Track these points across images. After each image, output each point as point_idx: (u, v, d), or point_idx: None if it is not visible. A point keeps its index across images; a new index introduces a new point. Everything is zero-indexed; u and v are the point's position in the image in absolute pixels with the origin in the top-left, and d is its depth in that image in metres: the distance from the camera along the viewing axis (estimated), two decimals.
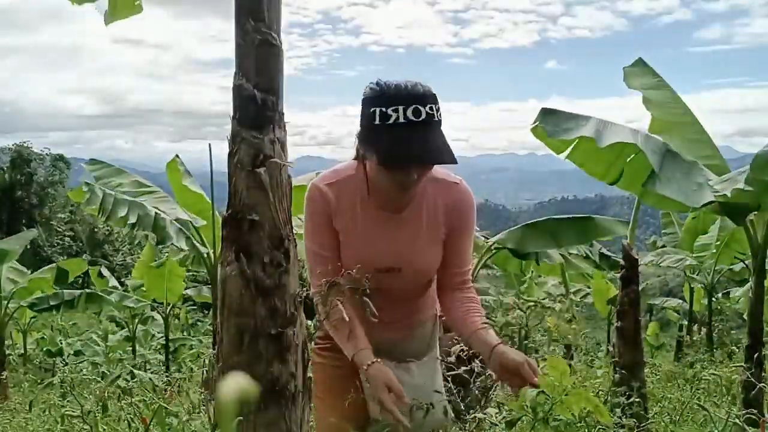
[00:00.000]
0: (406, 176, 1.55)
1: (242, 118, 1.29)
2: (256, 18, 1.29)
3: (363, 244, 1.69)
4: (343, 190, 1.68)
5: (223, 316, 1.28)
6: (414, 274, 1.74)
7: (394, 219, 1.70)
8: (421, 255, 1.73)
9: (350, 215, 1.68)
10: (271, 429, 1.24)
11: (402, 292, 1.77)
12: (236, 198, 1.27)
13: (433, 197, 1.72)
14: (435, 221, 1.72)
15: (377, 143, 1.53)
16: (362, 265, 1.64)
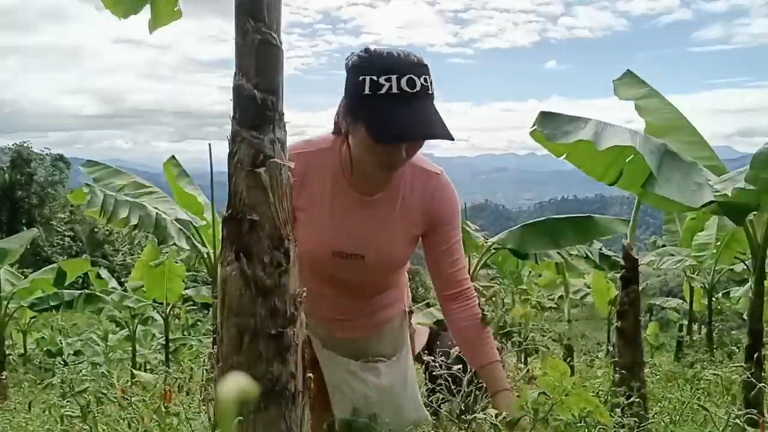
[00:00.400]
0: (396, 153, 1.41)
1: (242, 118, 1.29)
2: (256, 18, 1.29)
3: (325, 225, 1.56)
4: (314, 162, 1.54)
5: (223, 316, 1.28)
6: (377, 264, 1.60)
7: (364, 201, 1.56)
8: (389, 243, 1.59)
9: (317, 191, 1.55)
10: (271, 429, 1.24)
11: (364, 285, 1.66)
12: (236, 198, 1.27)
13: (410, 183, 1.58)
14: (410, 210, 1.58)
15: (366, 116, 1.39)
16: (320, 247, 1.55)
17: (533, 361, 6.53)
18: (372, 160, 1.46)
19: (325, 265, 1.57)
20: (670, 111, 3.76)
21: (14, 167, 28.43)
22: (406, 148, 1.43)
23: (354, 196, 1.57)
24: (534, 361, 6.54)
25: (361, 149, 1.46)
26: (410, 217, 1.59)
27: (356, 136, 1.46)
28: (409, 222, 1.59)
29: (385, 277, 1.69)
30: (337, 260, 1.57)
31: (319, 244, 1.55)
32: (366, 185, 1.56)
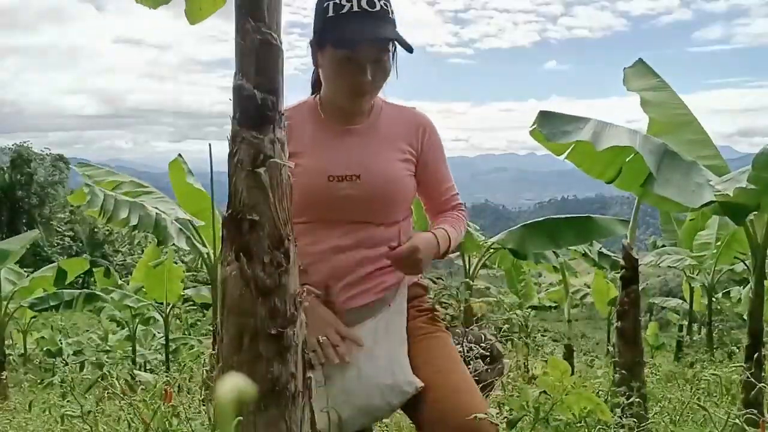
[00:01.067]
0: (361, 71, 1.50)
1: (242, 118, 1.28)
2: (256, 18, 1.29)
3: (314, 156, 1.60)
4: (295, 115, 1.60)
5: (223, 316, 1.27)
6: (376, 183, 1.60)
7: (347, 130, 1.64)
8: (382, 162, 1.63)
9: (302, 134, 1.61)
10: (271, 429, 1.24)
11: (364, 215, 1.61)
12: (236, 198, 1.27)
13: (389, 116, 1.69)
14: (395, 137, 1.66)
15: (330, 34, 1.50)
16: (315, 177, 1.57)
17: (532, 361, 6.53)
18: (342, 86, 1.55)
19: (322, 196, 1.58)
20: (678, 107, 3.74)
21: (14, 167, 28.45)
22: (371, 69, 1.51)
23: (338, 130, 1.64)
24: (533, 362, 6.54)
25: (330, 76, 1.56)
26: (395, 140, 1.66)
27: (324, 63, 1.55)
28: (395, 144, 1.66)
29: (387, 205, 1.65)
30: (333, 185, 1.58)
31: (312, 174, 1.58)
32: (344, 117, 1.64)
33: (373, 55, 1.51)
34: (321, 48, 1.54)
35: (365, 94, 1.56)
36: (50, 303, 8.42)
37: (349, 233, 1.61)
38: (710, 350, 7.68)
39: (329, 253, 1.60)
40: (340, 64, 1.51)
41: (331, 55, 1.51)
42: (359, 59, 1.50)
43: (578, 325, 16.90)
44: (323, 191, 1.58)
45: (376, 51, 1.51)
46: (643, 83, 3.82)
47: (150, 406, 2.08)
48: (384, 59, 1.53)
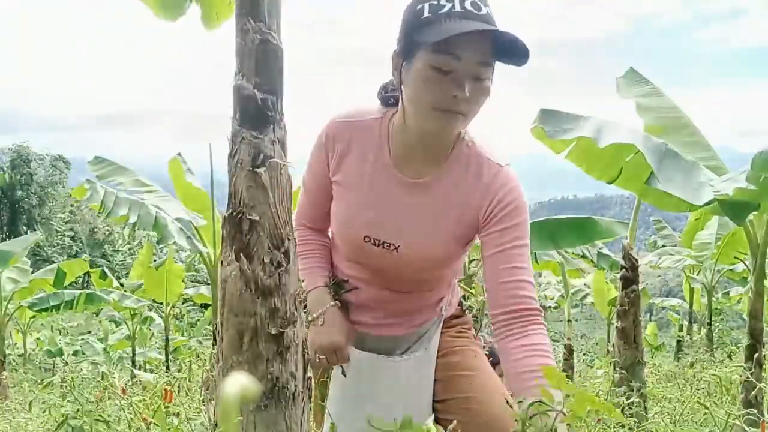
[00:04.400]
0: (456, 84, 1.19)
1: (242, 118, 1.29)
2: (256, 18, 1.29)
3: (359, 204, 1.39)
4: (359, 134, 1.39)
5: (223, 316, 1.27)
6: (412, 259, 1.38)
7: (408, 184, 1.36)
8: (429, 237, 1.36)
9: (356, 166, 1.38)
10: (271, 429, 1.24)
11: (396, 281, 1.45)
12: (236, 198, 1.27)
13: (466, 169, 1.35)
14: (463, 201, 1.35)
15: (425, 34, 1.20)
16: (350, 229, 1.40)
17: None
18: (430, 101, 1.23)
19: (355, 249, 1.42)
20: (671, 111, 3.76)
21: (14, 167, 28.45)
22: (470, 86, 1.21)
23: (397, 177, 1.36)
24: None
25: (417, 91, 1.24)
26: (459, 209, 1.35)
27: (411, 75, 1.24)
28: (458, 215, 1.36)
29: (423, 276, 1.45)
30: (368, 247, 1.39)
31: (350, 224, 1.40)
32: (414, 161, 1.36)
33: (475, 67, 1.21)
34: (409, 56, 1.24)
35: (457, 115, 1.23)
36: (50, 303, 8.42)
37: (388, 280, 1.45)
38: (710, 350, 7.68)
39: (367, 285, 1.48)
40: (434, 71, 1.21)
41: (424, 60, 1.21)
42: (459, 68, 1.20)
43: (578, 325, 16.91)
44: (356, 246, 1.41)
45: (479, 61, 1.21)
46: (636, 91, 3.83)
47: (150, 406, 2.08)
48: (485, 77, 1.24)
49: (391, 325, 1.50)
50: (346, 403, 1.51)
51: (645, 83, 3.90)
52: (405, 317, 1.50)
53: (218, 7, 2.19)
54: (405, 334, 1.51)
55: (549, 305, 11.69)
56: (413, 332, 1.52)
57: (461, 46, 1.19)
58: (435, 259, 1.40)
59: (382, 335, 1.51)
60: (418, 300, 1.50)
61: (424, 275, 1.45)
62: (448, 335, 1.57)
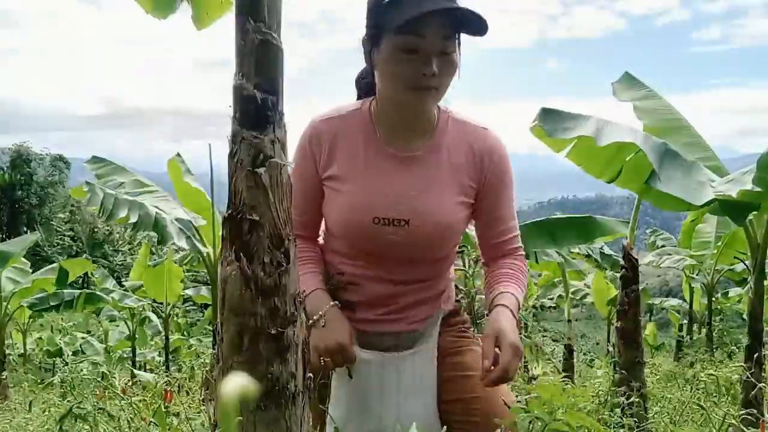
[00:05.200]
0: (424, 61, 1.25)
1: (242, 118, 1.29)
2: (256, 18, 1.29)
3: (361, 188, 1.40)
4: (343, 126, 1.42)
5: (223, 316, 1.27)
6: (425, 231, 1.40)
7: (403, 158, 1.40)
8: (436, 205, 1.39)
9: (349, 155, 1.42)
10: (271, 429, 1.24)
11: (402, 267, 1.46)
12: (236, 198, 1.27)
13: (455, 139, 1.42)
14: (458, 167, 1.41)
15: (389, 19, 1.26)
16: (358, 215, 1.39)
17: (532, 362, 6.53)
18: (402, 81, 1.29)
19: (365, 236, 1.41)
20: (669, 112, 3.76)
21: (14, 167, 28.45)
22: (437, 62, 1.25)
23: (391, 153, 1.41)
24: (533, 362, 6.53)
25: (388, 72, 1.31)
26: (458, 173, 1.41)
27: (382, 59, 1.31)
28: (458, 178, 1.41)
29: (434, 251, 1.47)
30: (378, 228, 1.39)
31: (356, 210, 1.40)
32: (402, 138, 1.40)
33: (440, 43, 1.26)
34: (377, 41, 1.31)
35: (429, 89, 1.30)
36: (50, 303, 8.42)
37: (393, 268, 1.47)
38: (710, 350, 7.68)
39: (370, 281, 1.49)
40: (401, 53, 1.27)
41: (391, 44, 1.28)
42: (424, 46, 1.25)
43: (578, 325, 16.91)
44: (366, 233, 1.41)
45: (443, 37, 1.26)
46: (632, 94, 3.84)
47: (150, 406, 2.08)
48: (451, 51, 1.29)
49: (393, 321, 1.51)
50: (352, 404, 1.50)
51: (641, 87, 3.91)
52: (407, 312, 1.51)
53: (209, 6, 2.19)
54: (408, 330, 1.52)
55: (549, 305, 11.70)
56: (416, 328, 1.53)
57: (424, 25, 1.24)
58: (445, 226, 1.42)
59: (385, 331, 1.51)
60: (419, 292, 1.52)
61: (434, 249, 1.47)
62: (449, 335, 1.58)
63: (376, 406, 1.48)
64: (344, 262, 1.50)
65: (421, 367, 1.51)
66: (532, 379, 5.41)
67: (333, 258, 1.54)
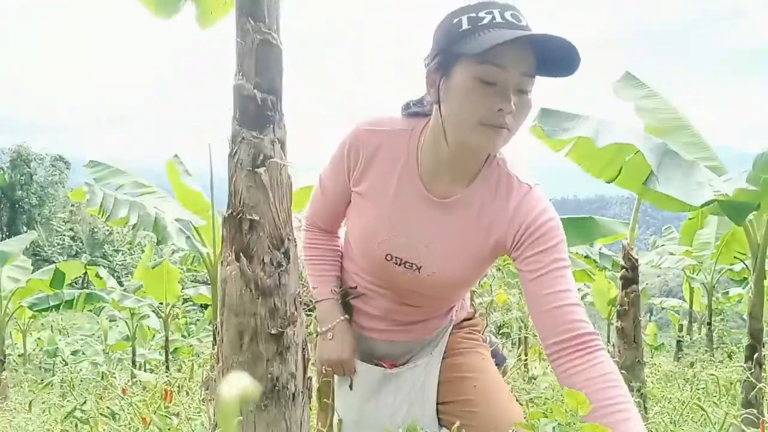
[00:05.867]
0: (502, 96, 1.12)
1: (242, 118, 1.29)
2: (256, 18, 1.29)
3: (383, 219, 1.33)
4: (386, 144, 1.31)
5: (223, 316, 1.27)
6: (435, 281, 1.34)
7: (435, 203, 1.30)
8: (454, 260, 1.32)
9: (381, 178, 1.32)
10: (271, 429, 1.24)
11: (412, 297, 1.42)
12: (236, 198, 1.27)
13: (494, 189, 1.29)
14: (490, 224, 1.28)
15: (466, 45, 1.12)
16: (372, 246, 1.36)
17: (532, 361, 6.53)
18: (473, 114, 1.15)
19: (375, 265, 1.38)
20: (669, 112, 3.76)
21: (14, 167, 28.46)
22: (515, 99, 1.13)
23: (423, 194, 1.30)
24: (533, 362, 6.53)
25: (458, 103, 1.16)
26: (486, 231, 1.29)
27: (452, 86, 1.17)
28: (485, 237, 1.30)
29: (443, 295, 1.45)
30: (389, 265, 1.35)
31: (370, 240, 1.35)
32: (441, 179, 1.29)
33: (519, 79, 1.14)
34: (448, 70, 1.17)
35: (502, 129, 1.16)
36: (50, 303, 8.42)
37: (403, 294, 1.43)
38: (710, 350, 7.69)
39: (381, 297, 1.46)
40: (479, 83, 1.13)
41: (468, 72, 1.13)
42: (504, 80, 1.13)
43: None
44: (378, 263, 1.37)
45: (523, 72, 1.13)
46: (633, 94, 3.84)
47: (150, 406, 2.08)
48: (529, 90, 1.17)
49: (402, 332, 1.50)
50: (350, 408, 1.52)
51: (641, 86, 3.91)
52: (417, 325, 1.50)
53: (213, 6, 2.20)
54: (415, 340, 1.51)
55: None
56: (423, 339, 1.52)
57: (507, 56, 1.12)
58: (458, 281, 1.36)
59: (393, 341, 1.51)
60: (430, 312, 1.49)
61: (443, 294, 1.43)
62: (456, 336, 1.57)
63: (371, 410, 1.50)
64: (358, 273, 1.48)
65: (422, 379, 1.50)
66: (533, 378, 5.41)
67: (349, 265, 1.52)
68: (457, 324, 1.58)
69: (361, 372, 1.50)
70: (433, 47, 1.22)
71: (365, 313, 1.49)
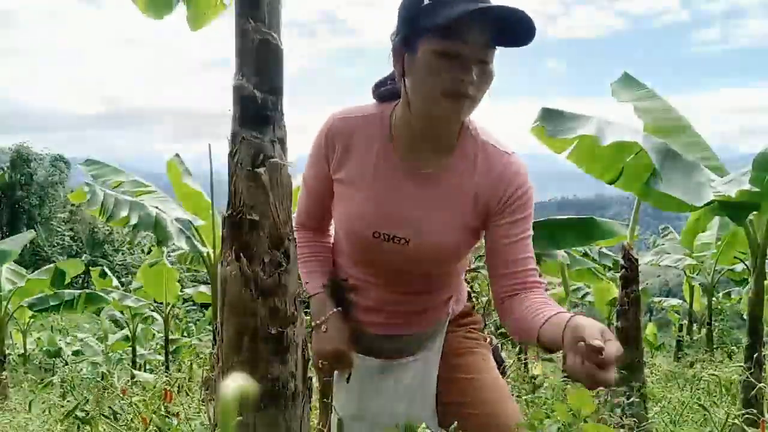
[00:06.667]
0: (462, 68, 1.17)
1: (242, 118, 1.29)
2: (256, 18, 1.29)
3: (367, 200, 1.35)
4: (360, 129, 1.36)
5: (223, 316, 1.27)
6: (423, 252, 1.35)
7: (416, 175, 1.33)
8: (439, 228, 1.33)
9: (360, 162, 1.35)
10: (270, 429, 1.24)
11: (411, 277, 1.42)
12: (236, 198, 1.27)
13: (473, 159, 1.33)
14: (470, 191, 1.32)
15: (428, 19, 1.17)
16: (360, 227, 1.36)
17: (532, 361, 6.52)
18: (436, 86, 1.20)
19: (365, 247, 1.38)
20: (669, 112, 3.76)
21: (14, 167, 28.46)
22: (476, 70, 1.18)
23: (403, 169, 1.34)
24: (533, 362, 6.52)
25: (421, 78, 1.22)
26: (470, 199, 1.33)
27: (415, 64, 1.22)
28: (469, 205, 1.33)
29: (434, 270, 1.43)
30: (378, 243, 1.35)
31: (358, 222, 1.36)
32: (419, 153, 1.33)
33: (480, 51, 1.18)
34: (411, 44, 1.22)
35: (464, 98, 1.21)
36: (50, 303, 8.42)
37: (395, 278, 1.43)
38: (710, 350, 7.69)
39: (374, 287, 1.45)
40: (441, 57, 1.18)
41: (430, 47, 1.19)
42: (465, 53, 1.17)
43: None
44: (366, 245, 1.38)
45: (483, 44, 1.18)
46: (632, 94, 3.84)
47: (150, 406, 2.08)
48: (489, 60, 1.21)
49: (399, 325, 1.48)
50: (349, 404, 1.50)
51: (640, 87, 3.91)
52: (413, 317, 1.48)
53: (204, 7, 2.20)
54: (413, 334, 1.49)
55: None
56: (421, 332, 1.50)
57: (467, 30, 1.17)
58: (447, 251, 1.37)
59: (390, 335, 1.48)
60: (426, 300, 1.48)
61: (434, 269, 1.43)
62: (457, 335, 1.55)
63: (371, 407, 1.49)
64: (350, 266, 1.48)
65: (422, 373, 1.49)
66: (533, 378, 5.41)
67: (340, 259, 1.52)
68: (455, 320, 1.56)
69: (359, 364, 1.48)
70: (397, 23, 1.27)
71: (361, 306, 1.48)
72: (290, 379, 1.26)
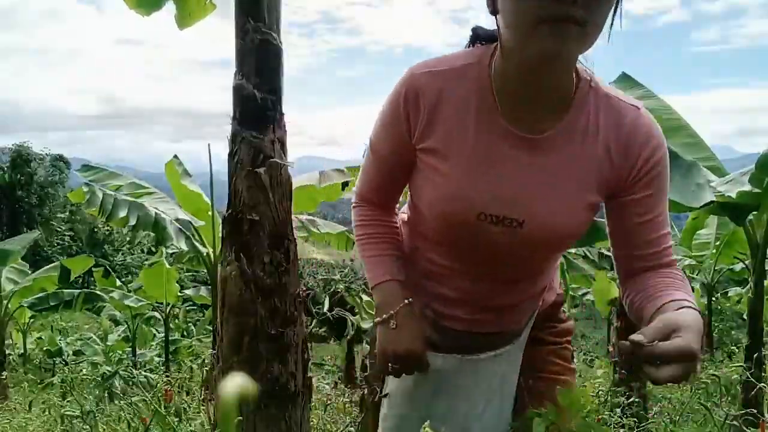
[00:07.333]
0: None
1: (242, 118, 1.29)
2: (256, 18, 1.29)
3: (467, 173, 1.06)
4: (449, 86, 1.06)
5: (223, 316, 1.28)
6: (540, 236, 1.08)
7: (528, 142, 1.05)
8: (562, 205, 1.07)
9: (456, 125, 1.06)
10: (270, 429, 1.24)
11: (515, 263, 1.15)
12: (236, 198, 1.27)
13: (597, 119, 1.05)
14: (595, 158, 1.05)
15: None
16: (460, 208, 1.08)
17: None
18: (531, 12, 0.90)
19: (463, 232, 1.10)
20: (667, 113, 3.77)
21: (14, 167, 28.45)
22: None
23: (510, 133, 1.05)
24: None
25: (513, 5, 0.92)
26: (593, 170, 1.06)
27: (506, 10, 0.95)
28: (591, 176, 1.07)
29: (546, 255, 1.19)
30: (483, 226, 1.07)
31: (458, 203, 1.07)
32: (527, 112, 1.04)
33: None
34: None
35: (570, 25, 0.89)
36: (50, 303, 8.41)
37: (490, 266, 1.16)
38: (710, 350, 7.69)
39: (460, 276, 1.19)
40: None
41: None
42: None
43: (578, 325, 16.91)
44: (467, 229, 1.09)
45: None
46: (630, 94, 3.85)
47: (150, 406, 2.08)
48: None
49: (487, 321, 1.23)
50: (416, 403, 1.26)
51: (638, 87, 3.91)
52: (506, 312, 1.23)
53: (192, 7, 2.21)
54: (502, 332, 1.25)
55: None
56: (510, 331, 1.26)
57: None
58: (567, 232, 1.11)
59: (476, 333, 1.24)
60: (522, 291, 1.23)
61: (547, 254, 1.19)
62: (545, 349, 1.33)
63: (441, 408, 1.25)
64: (432, 250, 1.20)
65: (502, 371, 1.27)
66: None
67: (417, 241, 1.24)
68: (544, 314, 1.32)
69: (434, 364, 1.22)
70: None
71: (442, 296, 1.22)
72: (290, 379, 1.26)
